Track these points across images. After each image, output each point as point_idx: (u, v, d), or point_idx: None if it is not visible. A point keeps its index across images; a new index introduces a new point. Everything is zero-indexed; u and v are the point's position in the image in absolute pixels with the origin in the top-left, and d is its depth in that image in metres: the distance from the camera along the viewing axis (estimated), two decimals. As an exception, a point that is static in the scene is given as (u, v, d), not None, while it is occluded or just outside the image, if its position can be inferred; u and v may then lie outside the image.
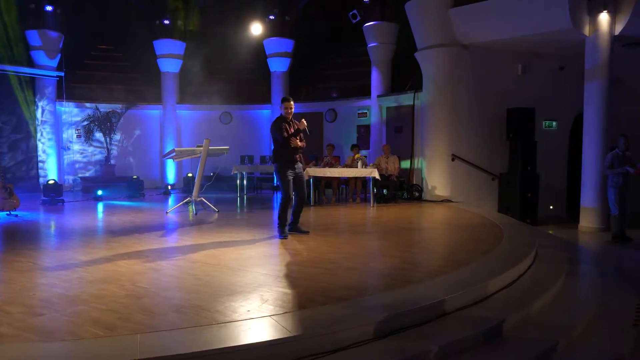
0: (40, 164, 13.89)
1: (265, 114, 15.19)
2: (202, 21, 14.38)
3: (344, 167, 10.44)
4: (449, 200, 10.88)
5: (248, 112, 15.45)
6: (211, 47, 14.92)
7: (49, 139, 13.97)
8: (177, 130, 15.32)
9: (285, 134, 6.39)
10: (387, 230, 7.29)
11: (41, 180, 13.88)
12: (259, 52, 15.14)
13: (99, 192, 11.51)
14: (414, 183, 11.99)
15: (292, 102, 6.64)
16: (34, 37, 13.46)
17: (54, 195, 10.75)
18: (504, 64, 11.06)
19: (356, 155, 10.44)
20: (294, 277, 4.45)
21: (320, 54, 15.02)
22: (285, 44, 14.73)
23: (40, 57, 13.61)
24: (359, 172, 10.09)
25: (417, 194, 11.58)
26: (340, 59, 14.86)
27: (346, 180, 11.18)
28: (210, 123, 15.29)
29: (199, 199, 9.31)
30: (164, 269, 4.76)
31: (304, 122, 6.58)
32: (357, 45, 13.97)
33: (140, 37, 14.81)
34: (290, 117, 6.62)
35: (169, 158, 9.35)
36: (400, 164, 11.30)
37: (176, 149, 8.83)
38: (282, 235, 6.41)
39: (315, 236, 6.58)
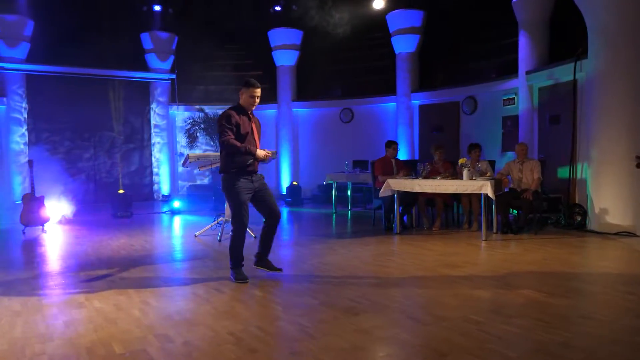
0: (155, 171, 13.33)
1: (390, 107, 12.15)
2: (318, 2, 12.06)
3: (443, 177, 6.94)
4: (630, 234, 6.59)
5: (370, 107, 12.53)
6: (329, 32, 12.56)
7: (162, 145, 13.31)
8: (294, 132, 13.35)
9: (230, 133, 4.42)
10: (493, 324, 3.34)
11: (155, 187, 13.35)
12: (382, 33, 12.22)
13: (175, 204, 10.15)
14: (576, 202, 7.79)
15: (259, 90, 4.54)
16: (146, 39, 12.93)
17: (124, 207, 9.71)
18: None
19: (461, 161, 6.83)
20: None
21: (458, 26, 11.35)
22: (412, 17, 11.43)
23: (153, 60, 13.02)
24: (462, 185, 6.57)
25: (579, 219, 7.42)
26: (483, 31, 10.88)
27: (459, 198, 7.66)
28: (330, 122, 12.96)
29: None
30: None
31: (271, 152, 4.65)
32: (501, 7, 10.05)
33: (257, 30, 13.24)
34: (251, 110, 4.66)
35: (186, 167, 7.27)
36: (542, 173, 7.25)
37: (191, 154, 6.67)
38: (238, 277, 4.47)
39: (321, 320, 3.69)
